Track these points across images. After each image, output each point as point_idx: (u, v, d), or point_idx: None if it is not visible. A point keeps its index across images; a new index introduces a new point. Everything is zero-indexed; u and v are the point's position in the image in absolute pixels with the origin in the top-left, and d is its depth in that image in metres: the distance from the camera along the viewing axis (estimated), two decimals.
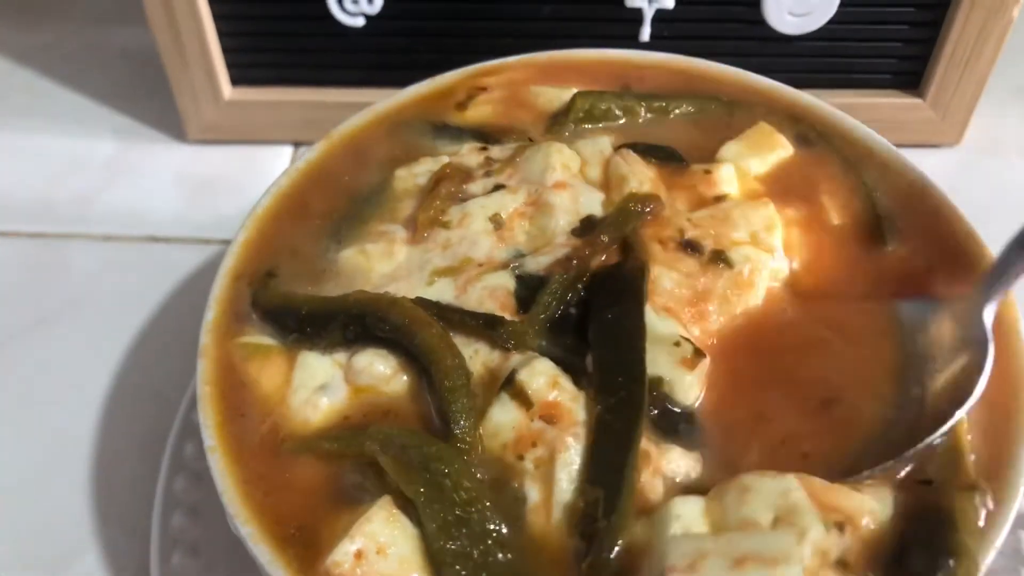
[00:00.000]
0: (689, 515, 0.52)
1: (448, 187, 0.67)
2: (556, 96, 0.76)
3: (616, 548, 0.52)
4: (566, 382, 0.57)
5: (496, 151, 0.72)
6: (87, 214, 1.08)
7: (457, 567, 0.51)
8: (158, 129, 1.16)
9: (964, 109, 1.04)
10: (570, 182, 0.67)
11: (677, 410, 0.58)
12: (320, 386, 0.60)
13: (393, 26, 1.02)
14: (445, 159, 0.72)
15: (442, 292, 0.63)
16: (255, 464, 0.58)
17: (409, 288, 0.63)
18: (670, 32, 1.00)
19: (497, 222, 0.65)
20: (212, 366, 0.63)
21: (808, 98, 0.77)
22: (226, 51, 1.05)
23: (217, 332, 0.64)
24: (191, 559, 0.74)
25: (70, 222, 1.07)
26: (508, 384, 0.57)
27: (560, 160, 0.68)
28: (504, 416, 0.56)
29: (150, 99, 1.18)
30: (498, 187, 0.68)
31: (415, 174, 0.71)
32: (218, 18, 1.02)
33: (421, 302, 0.61)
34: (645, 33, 1.00)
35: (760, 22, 0.99)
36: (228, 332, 0.64)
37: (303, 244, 0.70)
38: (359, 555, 0.52)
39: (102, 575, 0.79)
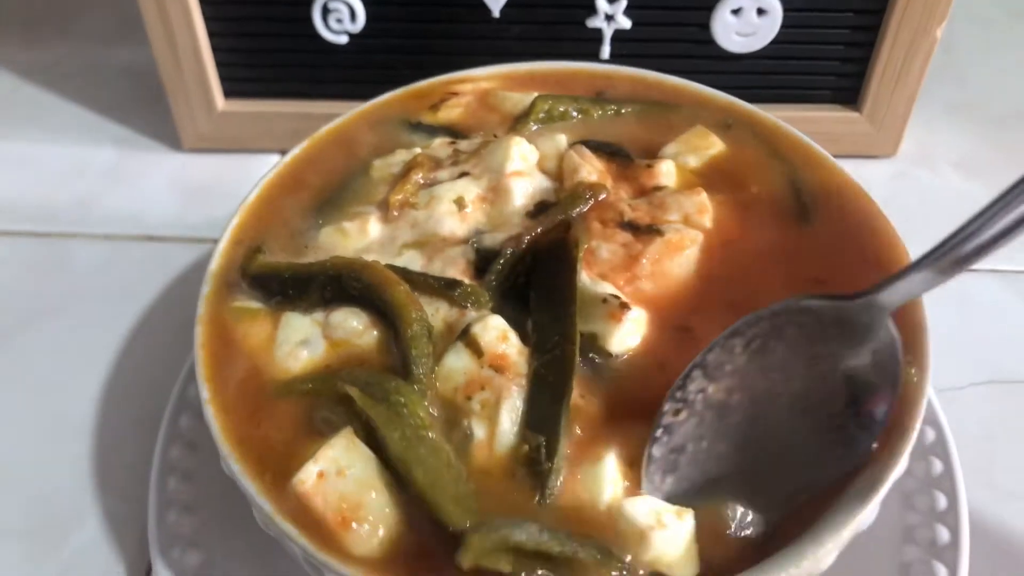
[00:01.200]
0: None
1: (418, 173, 0.76)
2: (520, 100, 0.86)
3: (558, 485, 0.61)
4: (514, 338, 0.66)
5: (464, 145, 0.81)
6: (88, 216, 1.16)
7: (423, 467, 0.59)
8: (155, 139, 1.25)
9: (898, 122, 1.14)
10: (527, 172, 0.76)
11: (599, 360, 0.66)
12: (301, 341, 0.68)
13: (374, 44, 1.11)
14: (418, 151, 0.81)
15: (410, 262, 0.72)
16: (243, 409, 0.66)
17: (380, 259, 0.72)
18: (627, 51, 1.09)
19: (460, 204, 0.74)
20: (207, 331, 0.71)
21: (742, 103, 0.85)
22: (220, 66, 1.14)
23: (211, 302, 0.73)
24: (186, 516, 0.81)
25: (72, 223, 1.15)
26: (463, 335, 0.66)
27: (519, 152, 0.77)
28: (457, 362, 0.65)
29: (148, 112, 1.27)
30: (463, 175, 0.77)
31: (390, 164, 0.80)
32: (213, 35, 1.11)
33: (390, 267, 0.69)
34: (605, 51, 1.09)
35: (709, 41, 1.09)
36: (221, 301, 0.73)
37: (288, 225, 0.78)
38: (321, 475, 0.60)
39: (103, 539, 0.86)
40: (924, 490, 0.79)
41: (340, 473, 0.60)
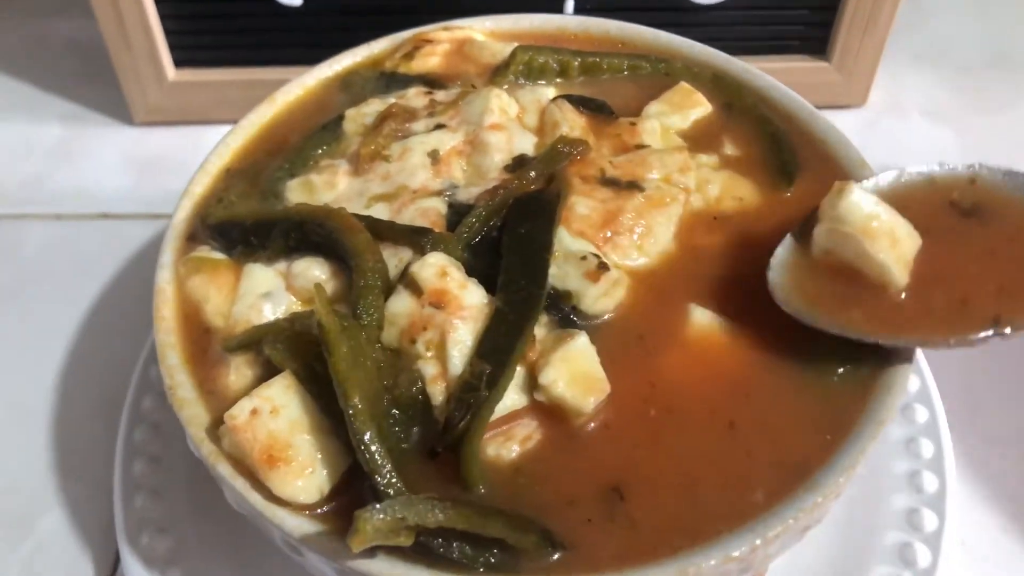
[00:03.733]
0: None
1: (392, 125, 0.73)
2: (499, 50, 0.82)
3: (489, 417, 0.58)
4: (455, 272, 0.63)
5: (441, 95, 0.77)
6: (37, 196, 1.11)
7: (362, 390, 0.57)
8: (105, 114, 1.20)
9: (867, 72, 1.12)
10: (506, 124, 0.73)
11: (577, 320, 0.64)
12: (264, 293, 0.65)
13: (329, 4, 1.07)
14: (392, 100, 0.77)
15: (378, 213, 0.68)
16: (202, 363, 0.64)
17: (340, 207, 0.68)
18: (593, 4, 1.06)
19: (434, 157, 0.71)
20: (171, 279, 0.69)
21: (723, 57, 0.83)
22: (169, 34, 1.09)
23: (175, 252, 0.70)
24: (153, 501, 0.78)
25: (21, 203, 1.10)
26: (402, 277, 0.63)
27: (498, 104, 0.73)
28: (400, 306, 0.62)
29: (95, 86, 1.22)
30: (439, 126, 0.73)
31: (364, 114, 0.76)
32: (160, 2, 1.06)
33: (355, 216, 0.66)
34: (569, 6, 1.06)
35: None
36: (182, 254, 0.70)
37: (253, 179, 0.75)
38: (254, 412, 0.58)
39: (67, 528, 0.83)
40: (913, 438, 0.78)
41: (274, 412, 0.58)
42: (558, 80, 0.82)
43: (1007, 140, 1.14)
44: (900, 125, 1.16)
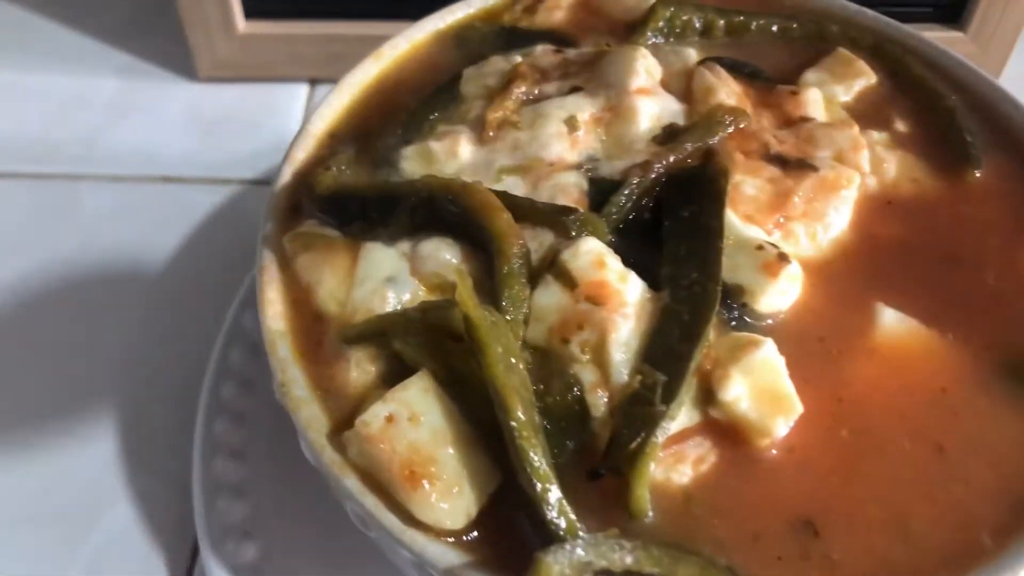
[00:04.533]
0: None
1: (521, 87, 0.64)
2: (634, 5, 0.72)
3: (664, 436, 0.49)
4: (614, 262, 0.54)
5: (573, 54, 0.68)
6: (93, 155, 1.02)
7: (522, 400, 0.49)
8: (164, 67, 1.10)
9: (1006, 43, 1.02)
10: (652, 89, 0.64)
11: (749, 320, 0.56)
12: (387, 278, 0.56)
13: None
14: (518, 59, 0.68)
15: (511, 188, 0.59)
16: (317, 362, 0.56)
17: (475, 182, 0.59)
18: None
19: (572, 125, 0.61)
20: (275, 257, 0.60)
21: (884, 20, 0.74)
22: None
23: (278, 224, 0.61)
24: (237, 502, 0.70)
25: (75, 162, 1.01)
26: (551, 265, 0.54)
27: (644, 66, 0.64)
28: (548, 299, 0.53)
29: (154, 35, 1.13)
30: (574, 89, 0.64)
31: (484, 74, 0.67)
32: None
33: (491, 191, 0.57)
34: None
35: None
36: (284, 228, 0.61)
37: (363, 143, 0.66)
38: (390, 419, 0.49)
39: (137, 525, 0.75)
40: None
41: (412, 419, 0.49)
42: (700, 40, 0.72)
43: None
44: None
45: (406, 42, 0.73)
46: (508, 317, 0.53)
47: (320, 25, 1.02)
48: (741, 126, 0.62)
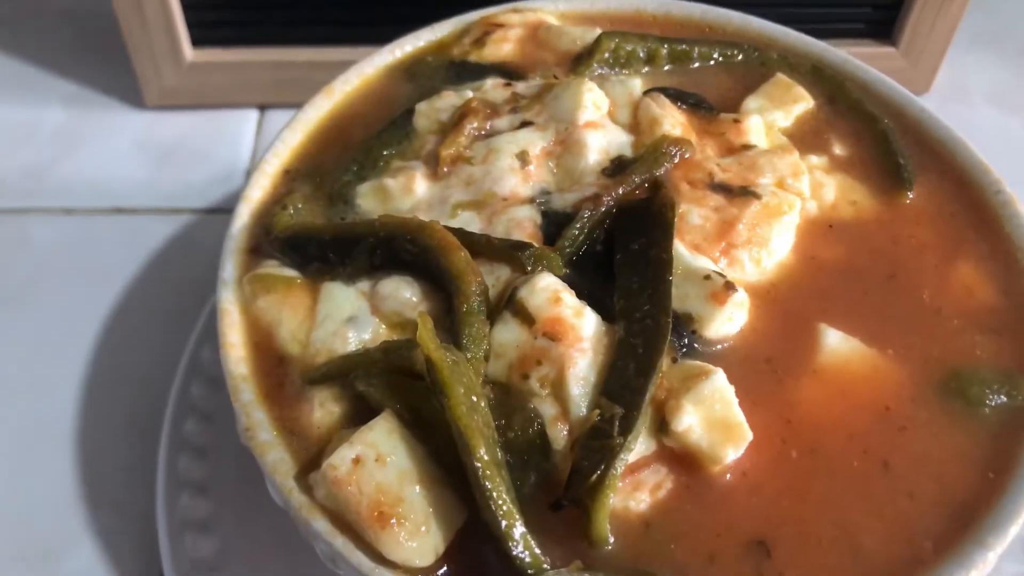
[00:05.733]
0: None
1: (473, 122, 0.65)
2: (579, 36, 0.74)
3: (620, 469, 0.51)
4: (569, 297, 0.56)
5: (522, 87, 0.70)
6: (42, 187, 1.01)
7: (485, 441, 0.50)
8: (111, 95, 1.09)
9: (934, 57, 1.06)
10: (600, 122, 0.66)
11: (699, 348, 0.57)
12: (348, 318, 0.58)
13: None
14: (469, 94, 0.69)
15: (466, 224, 0.61)
16: (281, 404, 0.57)
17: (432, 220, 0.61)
18: None
19: (524, 159, 0.63)
20: (235, 299, 0.61)
21: (821, 46, 0.77)
22: (187, 8, 0.99)
23: (237, 266, 0.62)
24: (202, 539, 0.70)
25: (24, 196, 1.00)
26: (509, 302, 0.56)
27: (591, 99, 0.66)
28: (507, 335, 0.55)
29: (99, 63, 1.12)
30: (525, 124, 0.66)
31: (437, 109, 0.69)
32: None
33: (447, 228, 0.59)
34: None
35: None
36: (246, 269, 0.62)
37: (317, 181, 0.67)
38: (357, 461, 0.50)
39: (99, 567, 0.75)
40: None
41: (379, 460, 0.51)
42: (645, 70, 0.74)
43: None
44: (967, 112, 1.10)
45: (357, 77, 0.74)
46: (469, 355, 0.54)
47: (268, 52, 1.02)
48: (686, 156, 0.64)
